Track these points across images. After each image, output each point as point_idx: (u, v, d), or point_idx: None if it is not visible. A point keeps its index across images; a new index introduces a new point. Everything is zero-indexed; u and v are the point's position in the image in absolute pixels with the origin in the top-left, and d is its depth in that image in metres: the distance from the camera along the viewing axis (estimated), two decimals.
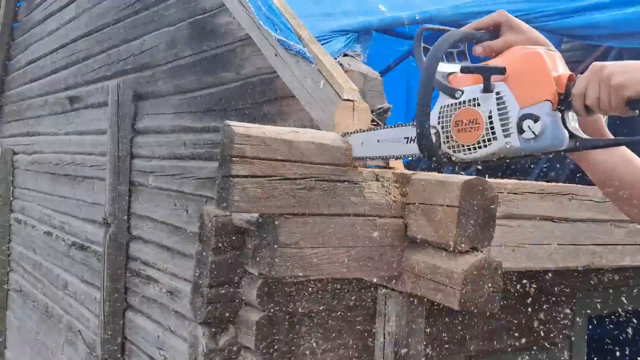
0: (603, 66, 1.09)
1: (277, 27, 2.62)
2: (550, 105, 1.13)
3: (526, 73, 1.16)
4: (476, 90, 1.20)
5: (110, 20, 4.62)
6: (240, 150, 1.63)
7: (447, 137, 1.24)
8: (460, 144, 1.23)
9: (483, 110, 1.19)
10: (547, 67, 1.15)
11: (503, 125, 1.17)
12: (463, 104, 1.21)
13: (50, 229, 5.71)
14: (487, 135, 1.19)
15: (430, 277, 1.85)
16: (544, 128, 1.13)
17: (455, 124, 1.22)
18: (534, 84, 1.15)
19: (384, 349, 2.05)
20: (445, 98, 1.24)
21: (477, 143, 1.20)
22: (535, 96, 1.15)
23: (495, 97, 1.17)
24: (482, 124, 1.19)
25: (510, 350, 3.34)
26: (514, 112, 1.16)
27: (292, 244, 1.74)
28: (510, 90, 1.17)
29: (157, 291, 3.75)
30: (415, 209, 1.93)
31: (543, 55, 1.17)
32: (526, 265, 2.26)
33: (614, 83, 1.06)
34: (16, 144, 6.92)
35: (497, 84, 1.18)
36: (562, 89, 1.14)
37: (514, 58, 1.20)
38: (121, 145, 4.16)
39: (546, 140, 1.14)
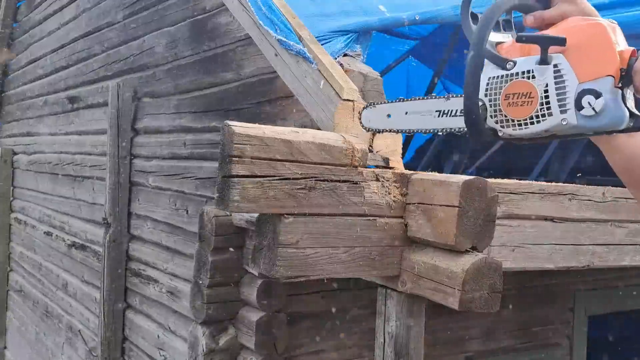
0: None
1: (277, 27, 2.62)
2: (612, 82, 1.07)
3: (588, 46, 1.09)
4: (531, 61, 1.12)
5: (110, 20, 4.62)
6: (240, 150, 1.63)
7: (495, 110, 1.16)
8: (511, 119, 1.15)
9: (538, 83, 1.11)
10: (611, 41, 1.08)
11: (560, 101, 1.10)
12: (516, 75, 1.13)
13: (50, 229, 5.71)
14: (542, 110, 1.11)
15: (430, 277, 1.85)
16: (606, 105, 1.07)
17: (505, 97, 1.15)
18: (597, 58, 1.09)
19: (384, 348, 2.05)
20: (494, 69, 1.16)
21: (530, 118, 1.13)
22: (597, 71, 1.08)
23: (553, 69, 1.10)
24: (537, 98, 1.11)
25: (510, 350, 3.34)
26: (573, 86, 1.09)
27: (292, 244, 1.74)
28: (570, 63, 1.10)
29: (157, 291, 3.75)
30: (415, 209, 1.93)
31: (607, 27, 1.10)
32: (526, 265, 2.26)
33: None
34: (16, 144, 6.93)
35: (554, 56, 1.10)
36: (624, 64, 1.08)
37: (574, 29, 1.12)
38: (121, 145, 4.16)
39: (606, 118, 1.08)
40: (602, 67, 1.08)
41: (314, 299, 2.74)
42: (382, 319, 2.06)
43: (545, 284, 3.42)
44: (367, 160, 1.93)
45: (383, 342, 2.05)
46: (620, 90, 1.08)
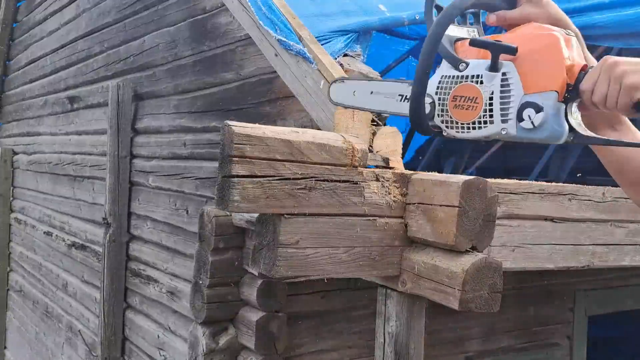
0: (616, 62, 1.01)
1: (277, 27, 2.62)
2: (556, 96, 1.05)
3: (538, 57, 1.07)
4: (482, 65, 1.10)
5: (110, 20, 4.62)
6: (240, 150, 1.63)
7: (443, 110, 1.14)
8: (455, 121, 1.13)
9: (485, 89, 1.09)
10: (561, 54, 1.06)
11: (503, 110, 1.08)
12: (465, 78, 1.11)
13: (50, 229, 5.71)
14: (484, 117, 1.09)
15: (430, 277, 1.85)
16: (545, 120, 1.05)
17: (453, 98, 1.12)
18: (544, 71, 1.06)
19: (384, 348, 2.05)
20: (448, 68, 1.14)
21: (473, 123, 1.11)
22: (542, 84, 1.06)
23: (501, 77, 1.08)
24: (481, 104, 1.09)
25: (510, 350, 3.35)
26: (517, 97, 1.07)
27: (292, 244, 1.74)
28: (518, 72, 1.07)
29: (157, 291, 3.75)
30: (415, 209, 1.93)
31: (560, 39, 1.07)
32: (526, 265, 2.26)
33: (626, 83, 0.99)
34: (16, 144, 6.93)
35: (505, 64, 1.08)
36: (572, 79, 1.06)
37: (528, 38, 1.10)
38: (121, 145, 4.16)
39: (545, 132, 1.06)
40: (548, 81, 1.06)
41: (314, 299, 2.74)
42: (382, 319, 2.06)
43: (545, 284, 3.42)
44: (367, 160, 1.93)
45: (383, 342, 2.05)
46: (563, 104, 1.06)
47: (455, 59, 1.12)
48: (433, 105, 1.15)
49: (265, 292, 2.53)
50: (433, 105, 1.15)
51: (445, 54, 1.13)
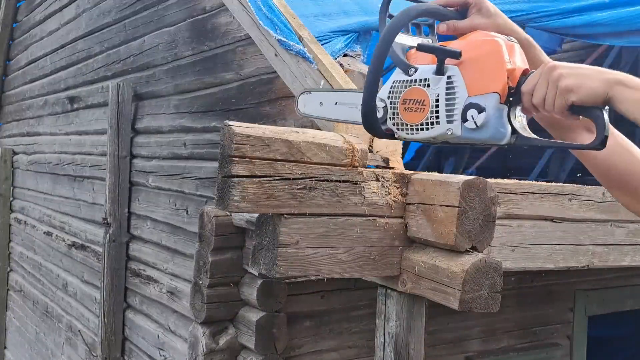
0: (554, 66, 1.06)
1: (277, 27, 2.62)
2: (497, 98, 1.10)
3: (480, 61, 1.13)
4: (429, 70, 1.16)
5: (110, 20, 4.62)
6: (240, 150, 1.63)
7: (394, 113, 1.20)
8: (405, 123, 1.19)
9: (431, 92, 1.15)
10: (502, 59, 1.11)
11: (448, 111, 1.13)
12: (414, 82, 1.17)
13: (50, 229, 5.71)
14: (431, 118, 1.15)
15: (430, 277, 1.85)
16: (487, 120, 1.10)
17: (403, 101, 1.18)
18: (486, 74, 1.12)
19: (384, 348, 2.05)
20: (399, 73, 1.19)
21: (421, 125, 1.16)
22: (485, 86, 1.11)
23: (446, 81, 1.14)
24: (428, 106, 1.15)
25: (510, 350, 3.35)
26: (462, 99, 1.12)
27: (292, 244, 1.74)
28: (462, 76, 1.13)
29: (157, 291, 3.75)
30: (415, 209, 1.93)
31: (501, 45, 1.12)
32: (526, 265, 2.26)
33: (562, 85, 1.04)
34: (16, 144, 6.93)
35: (450, 68, 1.14)
36: (514, 82, 1.11)
37: (472, 44, 1.16)
38: (121, 145, 4.16)
39: (487, 132, 1.11)
40: (490, 84, 1.10)
41: (314, 299, 2.74)
42: (382, 319, 2.06)
43: (545, 284, 3.42)
44: (367, 160, 1.93)
45: (383, 342, 2.05)
46: (506, 107, 1.10)
47: (406, 64, 1.18)
48: (386, 109, 1.21)
49: (265, 292, 2.53)
50: (386, 109, 1.21)
51: (396, 60, 1.19)
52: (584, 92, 1.02)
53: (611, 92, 1.01)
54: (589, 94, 1.02)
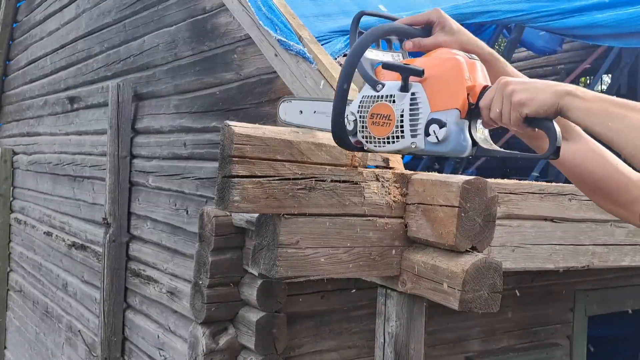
0: (508, 82, 1.12)
1: (277, 27, 2.62)
2: (458, 114, 1.16)
3: (442, 79, 1.19)
4: (395, 87, 1.22)
5: (110, 20, 4.62)
6: (240, 151, 1.63)
7: (363, 126, 1.27)
8: (373, 136, 1.26)
9: (397, 108, 1.21)
10: (462, 76, 1.17)
11: (412, 126, 1.20)
12: (381, 98, 1.23)
13: (50, 229, 5.70)
14: (397, 132, 1.22)
15: (430, 277, 1.85)
16: (448, 135, 1.16)
17: (371, 115, 1.25)
18: (447, 91, 1.18)
19: (384, 349, 2.05)
20: (368, 89, 1.26)
21: (387, 138, 1.23)
22: (446, 103, 1.17)
23: (410, 97, 1.20)
24: (394, 121, 1.21)
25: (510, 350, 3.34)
26: (425, 114, 1.19)
27: (292, 244, 1.74)
28: (426, 93, 1.19)
29: (157, 291, 3.75)
30: (416, 209, 1.93)
31: (462, 63, 1.18)
32: (526, 265, 2.26)
33: (514, 100, 1.09)
34: (16, 144, 6.93)
35: (414, 85, 1.20)
36: (474, 98, 1.17)
37: (435, 62, 1.22)
38: (121, 145, 4.16)
39: (449, 145, 1.17)
40: (450, 100, 1.17)
41: (314, 299, 2.74)
42: (382, 319, 2.06)
43: (545, 284, 3.42)
44: (367, 160, 1.93)
45: (383, 342, 2.05)
46: (467, 121, 1.17)
47: (374, 80, 1.25)
48: (356, 122, 1.29)
49: (265, 292, 2.53)
50: (356, 122, 1.29)
51: (365, 76, 1.26)
52: (536, 105, 1.08)
53: (561, 102, 1.07)
54: (540, 106, 1.08)
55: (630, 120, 1.04)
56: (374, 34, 1.27)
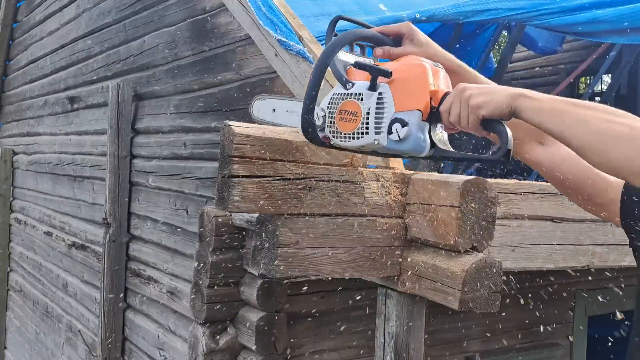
0: (465, 88, 1.19)
1: (277, 27, 2.62)
2: (419, 115, 1.24)
3: (408, 81, 1.26)
4: (364, 86, 1.30)
5: (110, 20, 4.62)
6: (240, 150, 1.63)
7: (331, 122, 1.35)
8: (340, 131, 1.33)
9: (364, 105, 1.29)
10: (426, 81, 1.25)
11: (377, 124, 1.28)
12: (350, 95, 1.31)
13: (50, 229, 5.70)
14: (362, 129, 1.29)
15: (430, 277, 1.85)
16: (409, 134, 1.24)
17: (340, 112, 1.33)
18: (411, 93, 1.25)
19: (384, 349, 2.05)
20: (339, 87, 1.34)
21: (353, 134, 1.31)
22: (409, 104, 1.25)
23: (377, 96, 1.28)
24: (360, 117, 1.29)
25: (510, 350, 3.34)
26: (389, 113, 1.26)
27: (292, 244, 1.74)
28: (392, 93, 1.27)
29: (157, 291, 3.75)
30: (416, 209, 1.93)
31: (427, 69, 1.26)
32: (526, 265, 2.26)
33: (472, 103, 1.16)
34: (16, 144, 6.92)
35: (382, 85, 1.28)
36: (436, 103, 1.24)
37: (403, 66, 1.30)
38: (121, 145, 4.16)
39: (409, 144, 1.25)
40: (414, 102, 1.25)
41: (314, 299, 2.74)
42: (382, 319, 2.06)
43: (545, 284, 3.42)
44: (367, 160, 1.93)
45: (383, 342, 2.05)
46: (428, 124, 1.26)
47: (345, 79, 1.33)
48: (325, 118, 1.37)
49: (265, 292, 2.53)
50: (325, 118, 1.37)
51: (337, 75, 1.34)
52: (492, 106, 1.15)
53: (514, 103, 1.14)
54: (496, 107, 1.15)
55: (577, 115, 1.10)
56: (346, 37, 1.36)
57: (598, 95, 7.45)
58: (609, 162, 1.09)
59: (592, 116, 1.10)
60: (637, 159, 1.05)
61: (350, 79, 1.33)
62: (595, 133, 1.08)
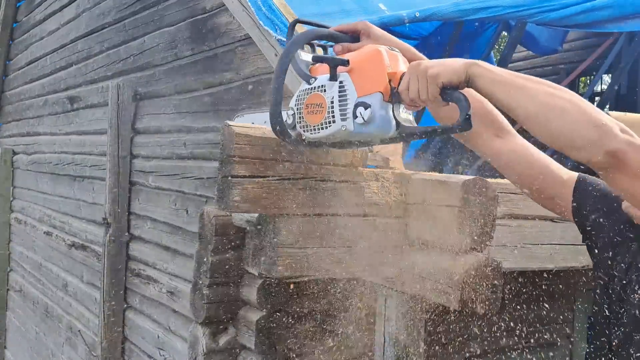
0: (419, 63, 1.26)
1: (277, 27, 2.62)
2: (381, 97, 1.29)
3: (366, 67, 1.32)
4: (325, 78, 1.35)
5: (110, 20, 4.62)
6: (240, 150, 1.63)
7: (300, 118, 1.41)
8: (309, 125, 1.39)
9: (327, 96, 1.35)
10: (383, 63, 1.30)
11: (341, 111, 1.33)
12: (314, 89, 1.37)
13: (50, 229, 5.70)
14: (328, 118, 1.35)
15: (430, 277, 1.85)
16: (373, 115, 1.29)
17: (306, 106, 1.39)
18: (371, 77, 1.31)
19: (384, 349, 2.05)
20: (303, 84, 1.40)
21: (321, 125, 1.36)
22: (370, 87, 1.30)
23: (338, 85, 1.33)
24: (326, 107, 1.35)
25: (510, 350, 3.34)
26: (352, 99, 1.32)
27: (292, 244, 1.74)
28: (352, 80, 1.32)
29: (157, 291, 3.75)
30: (416, 209, 1.93)
31: (383, 52, 1.31)
32: (526, 265, 2.26)
33: (430, 74, 1.22)
34: (16, 144, 6.92)
35: (341, 74, 1.33)
36: (395, 83, 1.29)
37: (360, 53, 1.36)
38: (121, 145, 4.16)
39: (374, 125, 1.30)
40: (374, 85, 1.30)
41: (314, 299, 2.73)
42: (382, 320, 2.06)
43: (545, 284, 3.42)
44: (367, 160, 1.93)
45: (383, 342, 2.05)
46: (390, 104, 1.31)
47: (307, 76, 1.40)
48: (294, 115, 1.43)
49: (265, 292, 2.53)
50: (294, 116, 1.43)
51: (300, 73, 1.41)
52: (449, 73, 1.21)
53: (469, 70, 1.21)
54: (453, 73, 1.21)
55: (525, 89, 1.17)
56: (302, 37, 1.43)
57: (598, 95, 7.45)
58: (550, 134, 1.16)
59: (538, 90, 1.16)
60: (574, 132, 1.12)
61: (313, 75, 1.39)
62: (540, 105, 1.15)
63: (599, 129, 1.11)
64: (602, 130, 1.11)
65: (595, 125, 1.11)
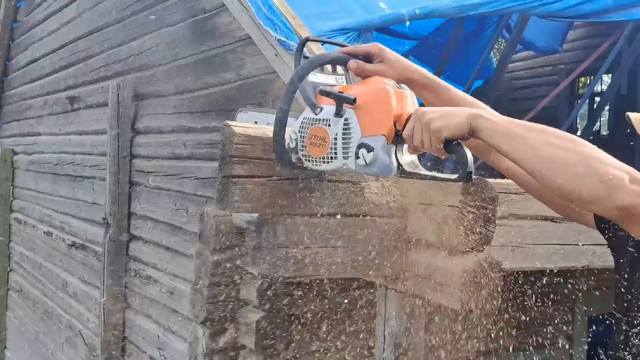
0: (424, 112, 1.23)
1: (277, 27, 2.62)
2: (384, 140, 1.27)
3: (372, 107, 1.29)
4: (331, 111, 1.32)
5: (110, 20, 4.62)
6: (240, 151, 1.63)
7: (303, 145, 1.39)
8: (310, 155, 1.38)
9: (331, 131, 1.32)
10: (390, 106, 1.28)
11: (344, 149, 1.31)
12: (318, 121, 1.34)
13: (50, 229, 5.70)
14: (330, 154, 1.33)
15: (430, 277, 1.85)
16: (375, 158, 1.28)
17: (310, 137, 1.36)
18: (376, 119, 1.28)
19: (384, 349, 2.05)
20: (309, 111, 1.37)
21: (322, 158, 1.35)
22: (374, 129, 1.28)
23: (343, 122, 1.30)
24: (329, 143, 1.33)
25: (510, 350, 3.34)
26: (356, 139, 1.29)
27: (292, 244, 1.74)
28: (357, 119, 1.29)
29: (157, 291, 3.75)
30: (415, 209, 1.93)
31: (390, 93, 1.29)
32: (526, 265, 2.26)
33: (433, 127, 1.20)
34: (16, 144, 6.92)
35: (347, 111, 1.30)
36: (400, 126, 1.27)
37: (367, 90, 1.33)
38: (121, 145, 4.16)
39: (376, 168, 1.30)
40: (378, 127, 1.28)
41: (314, 299, 2.73)
42: (382, 319, 2.06)
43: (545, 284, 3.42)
44: None
45: (383, 342, 2.05)
46: (394, 146, 1.29)
47: (314, 104, 1.36)
48: (297, 141, 1.41)
49: (265, 292, 2.53)
50: (297, 142, 1.41)
51: (306, 99, 1.37)
52: (452, 127, 1.19)
53: (473, 123, 1.19)
54: (456, 128, 1.20)
55: (530, 141, 1.14)
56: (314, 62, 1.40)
57: (598, 95, 7.45)
58: (557, 188, 1.13)
59: (541, 142, 1.13)
60: (582, 187, 1.09)
61: (319, 103, 1.35)
62: (543, 160, 1.12)
63: (606, 184, 1.07)
64: (609, 185, 1.07)
65: (602, 181, 1.07)
